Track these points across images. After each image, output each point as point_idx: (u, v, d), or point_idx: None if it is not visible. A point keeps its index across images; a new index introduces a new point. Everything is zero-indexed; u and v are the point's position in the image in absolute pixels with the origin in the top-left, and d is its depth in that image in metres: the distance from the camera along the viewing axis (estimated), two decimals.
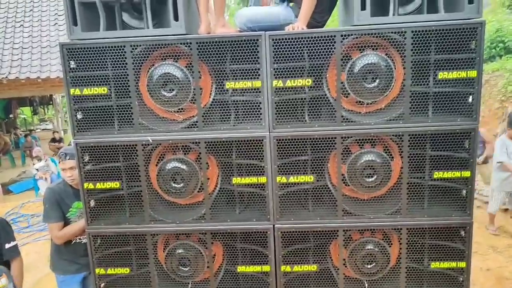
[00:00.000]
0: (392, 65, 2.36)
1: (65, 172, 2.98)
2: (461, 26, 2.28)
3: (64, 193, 3.03)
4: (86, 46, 2.45)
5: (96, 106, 2.56)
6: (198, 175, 2.58)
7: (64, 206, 3.01)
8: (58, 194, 3.02)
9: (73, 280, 3.14)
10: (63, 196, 3.02)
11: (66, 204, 3.02)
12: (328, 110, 2.52)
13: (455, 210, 2.56)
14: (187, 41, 2.40)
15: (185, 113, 2.57)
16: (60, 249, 3.07)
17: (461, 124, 2.40)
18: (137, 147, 2.56)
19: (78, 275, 3.16)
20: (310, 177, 2.56)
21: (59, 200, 3.01)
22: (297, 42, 2.38)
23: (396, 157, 2.54)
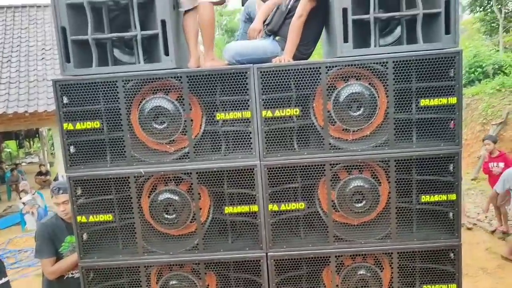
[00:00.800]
0: (376, 93, 2.46)
1: (58, 206, 2.99)
2: (439, 55, 2.40)
3: (56, 228, 3.02)
4: (79, 82, 2.50)
5: (88, 140, 2.60)
6: (190, 205, 2.61)
7: (56, 240, 3.00)
8: (50, 229, 3.01)
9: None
10: (56, 230, 3.01)
11: (59, 239, 3.01)
12: (316, 138, 2.59)
13: (443, 233, 2.62)
14: (178, 75, 2.47)
15: (176, 144, 2.62)
16: (52, 284, 3.03)
17: (444, 148, 2.49)
18: (129, 179, 2.58)
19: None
20: (301, 204, 2.61)
21: (51, 235, 3.00)
22: (284, 74, 2.47)
23: (383, 182, 2.61)
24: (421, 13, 2.39)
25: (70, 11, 2.47)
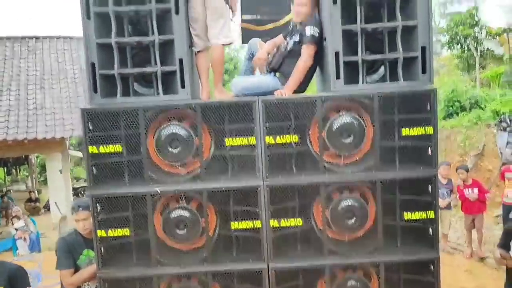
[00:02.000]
0: (364, 124, 2.84)
1: (78, 222, 3.26)
2: (417, 92, 2.82)
3: (75, 242, 3.28)
4: (105, 111, 2.84)
5: (110, 162, 2.91)
6: (200, 222, 2.92)
7: (75, 253, 3.25)
8: (70, 243, 3.27)
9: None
10: (75, 244, 3.27)
11: (77, 252, 3.26)
12: (312, 162, 2.95)
13: (423, 247, 2.96)
14: (193, 105, 2.83)
15: (187, 166, 2.95)
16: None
17: (423, 172, 2.87)
18: (146, 198, 2.89)
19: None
20: (299, 220, 2.94)
21: (71, 248, 3.25)
22: (285, 105, 2.85)
23: (371, 202, 2.96)
24: (401, 57, 2.82)
25: (99, 49, 2.83)
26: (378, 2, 2.91)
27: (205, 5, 3.03)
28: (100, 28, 2.84)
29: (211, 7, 3.02)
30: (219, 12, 3.07)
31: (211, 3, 3.02)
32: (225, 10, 3.11)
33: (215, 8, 3.03)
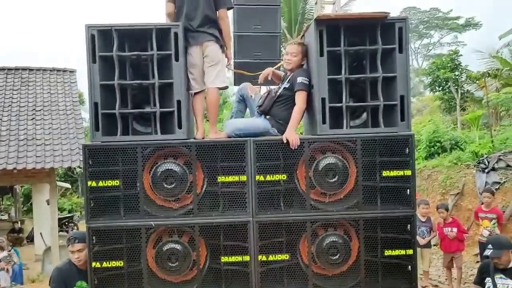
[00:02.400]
0: (347, 165, 3.06)
1: (73, 254, 3.35)
2: (397, 137, 3.07)
3: (69, 272, 3.36)
4: (105, 147, 3.02)
5: (107, 196, 3.06)
6: (191, 255, 3.05)
7: (68, 284, 3.33)
8: (64, 274, 3.35)
9: None
10: (69, 275, 3.35)
11: (70, 283, 3.33)
12: (299, 199, 3.13)
13: (403, 283, 3.13)
14: (188, 144, 3.03)
15: (180, 202, 3.11)
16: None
17: (402, 211, 3.08)
18: (141, 231, 3.03)
19: None
20: (286, 255, 3.09)
21: (65, 278, 3.33)
22: (275, 146, 3.07)
23: (354, 239, 3.14)
24: (382, 104, 3.08)
25: (102, 90, 3.03)
26: (361, 55, 3.19)
27: (203, 53, 3.29)
28: (104, 70, 3.05)
29: (209, 55, 3.28)
30: (216, 59, 3.33)
31: (209, 52, 3.28)
32: (221, 57, 3.37)
33: (212, 56, 3.29)
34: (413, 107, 30.96)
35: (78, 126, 10.20)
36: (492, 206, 6.67)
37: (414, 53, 43.00)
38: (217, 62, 3.33)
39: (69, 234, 3.54)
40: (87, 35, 2.99)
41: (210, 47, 3.32)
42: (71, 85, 11.45)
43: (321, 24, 3.09)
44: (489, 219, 6.38)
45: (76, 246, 3.31)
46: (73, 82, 11.63)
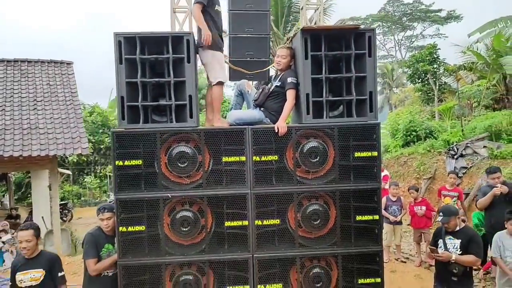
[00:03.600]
0: (327, 147, 3.79)
1: (102, 221, 4.01)
2: (366, 125, 3.81)
3: (99, 237, 4.03)
4: (129, 133, 3.69)
5: (131, 173, 3.74)
6: (200, 221, 3.76)
7: (98, 246, 4.00)
8: (95, 237, 4.02)
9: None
10: (98, 239, 4.02)
11: (100, 245, 4.01)
12: (287, 175, 3.86)
13: (370, 242, 3.89)
14: (198, 131, 3.73)
15: (191, 177, 3.81)
16: (91, 280, 3.99)
17: (370, 185, 3.83)
18: (158, 201, 3.72)
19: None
20: (277, 220, 3.83)
21: (96, 242, 4.00)
22: (268, 133, 3.78)
23: (332, 207, 3.89)
24: (354, 99, 3.81)
25: (127, 86, 3.70)
26: (338, 58, 3.91)
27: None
28: (128, 70, 3.72)
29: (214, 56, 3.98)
30: (216, 59, 4.02)
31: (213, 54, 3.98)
32: (221, 58, 4.05)
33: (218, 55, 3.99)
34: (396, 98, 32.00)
35: (78, 115, 10.76)
36: (454, 186, 7.52)
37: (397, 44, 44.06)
38: (218, 60, 4.02)
39: (100, 205, 4.21)
40: (115, 41, 3.65)
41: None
42: (69, 76, 11.96)
43: (306, 33, 3.81)
44: (450, 196, 7.23)
45: (106, 215, 3.98)
46: (71, 73, 12.13)
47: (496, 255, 4.82)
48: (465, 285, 4.27)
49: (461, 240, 4.25)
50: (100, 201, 20.60)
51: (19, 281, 3.80)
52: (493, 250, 4.92)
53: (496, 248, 4.83)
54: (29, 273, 3.81)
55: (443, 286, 4.38)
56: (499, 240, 4.82)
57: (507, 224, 4.74)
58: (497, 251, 4.81)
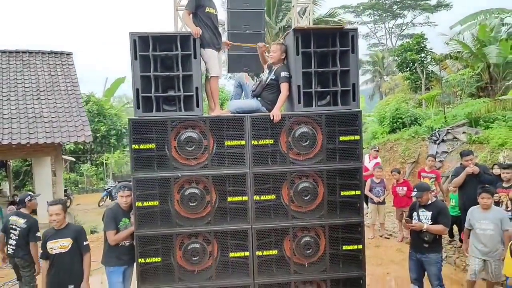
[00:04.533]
0: (315, 133, 4.37)
1: (121, 198, 4.59)
2: (349, 113, 4.38)
3: (117, 212, 4.60)
4: (144, 120, 4.23)
5: (145, 155, 4.28)
6: (205, 197, 4.33)
7: (117, 220, 4.57)
8: (114, 212, 4.59)
9: (118, 270, 4.63)
10: (117, 213, 4.59)
11: (118, 219, 4.58)
12: (281, 157, 4.43)
13: (353, 214, 4.49)
14: (204, 119, 4.28)
15: (197, 159, 4.37)
16: (111, 249, 4.58)
17: (353, 165, 4.42)
18: (169, 180, 4.28)
19: (121, 267, 4.66)
20: (272, 196, 4.41)
21: (114, 216, 4.57)
22: (265, 120, 4.34)
23: (320, 184, 4.47)
24: (339, 90, 4.37)
25: (142, 79, 4.22)
26: (325, 54, 4.46)
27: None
28: (142, 65, 4.24)
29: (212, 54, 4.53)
30: (214, 55, 4.55)
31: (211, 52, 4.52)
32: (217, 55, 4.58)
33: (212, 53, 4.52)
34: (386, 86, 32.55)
35: (80, 105, 11.23)
36: (432, 168, 8.17)
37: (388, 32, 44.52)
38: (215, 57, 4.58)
39: (119, 184, 4.83)
40: (130, 40, 4.17)
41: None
42: (69, 67, 12.39)
43: (297, 32, 4.35)
44: (429, 178, 7.89)
45: (126, 193, 4.56)
46: (71, 64, 12.55)
47: (467, 227, 5.46)
48: (435, 250, 4.92)
49: (432, 212, 4.89)
50: (97, 188, 21.08)
51: (50, 248, 4.38)
52: (466, 223, 5.53)
53: (467, 221, 5.45)
54: (58, 242, 4.39)
55: (416, 252, 5.05)
56: (470, 214, 5.44)
57: (479, 198, 5.36)
58: (468, 224, 5.44)
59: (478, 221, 5.34)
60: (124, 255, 4.61)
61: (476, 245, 5.34)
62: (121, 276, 4.66)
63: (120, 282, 4.67)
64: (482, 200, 5.31)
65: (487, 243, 5.23)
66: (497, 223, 5.19)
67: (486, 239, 5.24)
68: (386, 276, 6.66)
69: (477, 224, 5.33)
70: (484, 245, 5.25)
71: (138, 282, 4.26)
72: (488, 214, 5.28)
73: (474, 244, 5.37)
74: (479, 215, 5.35)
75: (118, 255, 4.60)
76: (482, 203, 5.32)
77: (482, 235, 5.27)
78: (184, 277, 4.36)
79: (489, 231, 5.22)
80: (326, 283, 4.48)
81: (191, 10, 4.49)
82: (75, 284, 4.45)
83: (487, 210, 5.30)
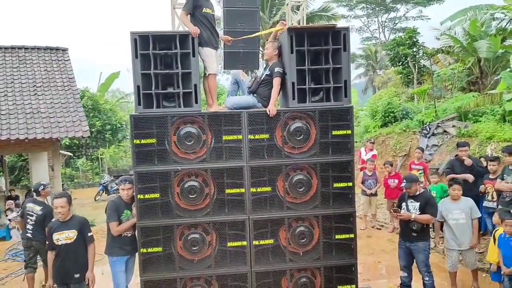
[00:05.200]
0: (309, 127, 4.57)
1: (123, 191, 4.78)
2: (341, 108, 4.59)
3: (119, 204, 4.79)
4: (145, 116, 4.41)
5: (146, 150, 4.47)
6: (204, 190, 4.53)
7: (119, 212, 4.76)
8: (116, 205, 4.78)
9: (121, 260, 4.83)
10: (119, 205, 4.78)
11: (120, 211, 4.77)
12: (277, 151, 4.63)
13: (345, 205, 4.71)
14: (202, 114, 4.47)
15: (196, 153, 4.55)
16: (113, 239, 4.78)
17: (345, 158, 4.63)
18: (170, 173, 4.47)
19: (124, 257, 4.86)
20: (268, 188, 4.62)
21: (117, 208, 4.76)
22: (261, 116, 4.54)
23: (313, 177, 4.68)
24: (332, 86, 4.57)
25: (143, 76, 4.39)
26: (318, 52, 4.65)
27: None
28: (143, 63, 4.41)
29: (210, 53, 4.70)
30: (212, 54, 4.73)
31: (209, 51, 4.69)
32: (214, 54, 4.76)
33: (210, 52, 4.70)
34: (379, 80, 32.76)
35: (76, 100, 11.34)
36: (421, 160, 8.43)
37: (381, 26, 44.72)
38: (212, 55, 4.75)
39: (121, 177, 5.02)
40: (131, 39, 4.33)
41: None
42: (65, 62, 12.47)
43: (291, 31, 4.54)
44: (417, 169, 8.15)
45: (126, 186, 4.74)
46: (67, 59, 12.64)
47: (439, 219, 5.68)
48: (423, 239, 5.17)
49: (419, 203, 5.13)
50: (93, 182, 21.20)
51: (56, 239, 4.57)
52: (437, 215, 5.63)
53: (439, 213, 5.58)
54: (64, 233, 4.58)
55: (405, 240, 5.29)
56: (442, 205, 5.68)
57: (450, 189, 5.65)
58: (440, 216, 5.62)
59: (451, 211, 5.57)
60: (126, 245, 4.81)
61: (451, 237, 5.59)
62: (124, 265, 4.85)
63: (122, 271, 4.88)
64: (453, 191, 5.59)
65: (461, 232, 5.51)
66: (467, 212, 5.50)
67: (459, 229, 5.51)
68: (377, 265, 6.93)
69: (450, 215, 5.56)
70: (458, 235, 5.52)
71: (140, 271, 4.47)
72: (459, 204, 5.59)
73: (449, 236, 5.62)
74: (451, 206, 5.61)
75: (121, 245, 4.80)
76: (453, 194, 5.60)
77: (455, 225, 5.53)
78: (184, 266, 4.56)
79: (461, 220, 5.51)
80: (319, 271, 4.71)
81: (188, 11, 4.66)
82: (80, 273, 4.65)
83: (457, 201, 5.61)
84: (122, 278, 4.91)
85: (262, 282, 4.66)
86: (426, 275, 5.21)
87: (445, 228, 5.69)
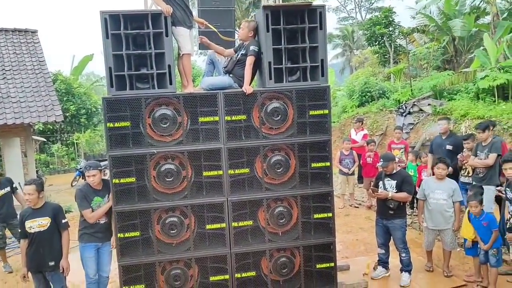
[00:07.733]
0: (287, 108, 4.53)
1: (89, 177, 4.67)
2: (319, 88, 4.56)
3: (87, 191, 4.69)
4: (118, 99, 4.29)
5: (120, 133, 4.36)
6: (181, 172, 4.46)
7: (88, 199, 4.67)
8: (84, 192, 4.68)
9: (90, 247, 4.77)
10: (87, 193, 4.68)
11: (89, 198, 4.67)
12: (254, 132, 4.58)
13: (323, 184, 4.72)
14: (177, 96, 4.37)
15: (172, 136, 4.47)
16: (85, 226, 4.69)
17: (322, 137, 4.62)
18: (145, 157, 4.38)
19: (95, 243, 4.80)
20: (246, 169, 4.58)
21: (85, 196, 4.66)
22: (237, 96, 4.47)
23: (291, 157, 4.67)
24: (309, 65, 4.52)
25: (114, 58, 4.25)
26: (295, 31, 4.58)
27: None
28: (114, 43, 4.26)
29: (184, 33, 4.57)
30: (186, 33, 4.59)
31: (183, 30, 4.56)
32: (188, 34, 4.62)
33: (184, 31, 4.56)
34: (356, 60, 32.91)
35: (48, 84, 10.98)
36: (401, 140, 8.54)
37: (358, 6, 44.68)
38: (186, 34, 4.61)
39: (85, 163, 4.90)
40: (101, 19, 4.17)
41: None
42: (35, 45, 12.03)
43: (267, 10, 4.45)
44: (398, 149, 8.25)
45: (91, 172, 4.64)
46: (36, 42, 12.18)
47: (421, 198, 5.71)
48: (400, 216, 5.25)
49: (396, 181, 5.19)
50: (69, 168, 20.80)
51: (29, 227, 4.45)
52: (419, 193, 5.76)
53: (421, 191, 5.66)
54: (37, 221, 4.46)
55: (382, 219, 5.37)
56: (425, 184, 5.68)
57: (435, 168, 5.63)
58: (422, 195, 5.66)
59: (433, 191, 5.52)
60: (98, 232, 4.74)
61: (429, 216, 5.59)
62: (93, 252, 4.77)
63: (91, 257, 4.80)
64: (438, 170, 5.53)
65: (440, 213, 5.47)
66: (449, 193, 5.43)
67: (439, 209, 5.47)
68: (355, 243, 7.03)
69: (432, 194, 5.52)
70: (435, 215, 5.50)
71: (118, 256, 4.40)
72: (442, 184, 5.51)
73: (427, 215, 5.61)
74: (434, 185, 5.55)
75: (93, 232, 4.72)
76: (438, 173, 5.54)
77: (435, 204, 5.48)
78: (163, 250, 4.52)
79: (442, 201, 5.45)
80: (299, 250, 4.74)
81: None
82: (55, 261, 4.55)
83: (441, 180, 5.54)
84: (92, 264, 4.85)
85: (242, 263, 4.66)
86: (403, 251, 5.32)
87: (424, 207, 5.67)
